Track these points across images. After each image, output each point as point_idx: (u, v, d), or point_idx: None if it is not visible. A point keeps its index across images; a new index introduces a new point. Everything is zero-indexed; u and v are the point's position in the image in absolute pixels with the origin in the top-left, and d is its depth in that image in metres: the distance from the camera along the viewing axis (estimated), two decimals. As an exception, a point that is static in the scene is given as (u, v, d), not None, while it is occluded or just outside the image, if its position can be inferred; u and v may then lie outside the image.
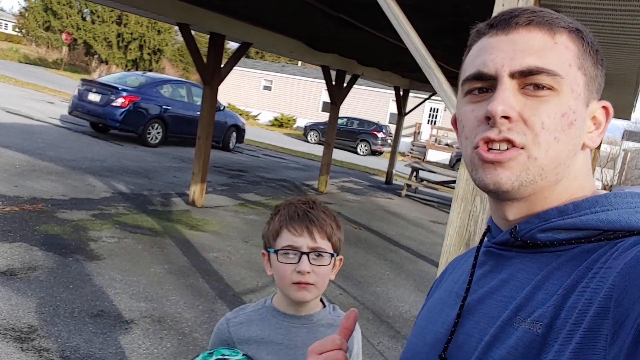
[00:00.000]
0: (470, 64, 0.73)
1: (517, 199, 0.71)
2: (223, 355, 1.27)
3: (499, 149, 0.68)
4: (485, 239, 0.81)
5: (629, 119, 12.36)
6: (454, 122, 0.78)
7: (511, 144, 0.67)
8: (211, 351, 1.30)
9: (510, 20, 0.70)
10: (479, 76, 0.70)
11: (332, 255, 1.34)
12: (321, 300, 1.43)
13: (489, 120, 0.68)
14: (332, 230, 1.34)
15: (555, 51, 0.68)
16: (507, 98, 0.67)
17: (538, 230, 0.69)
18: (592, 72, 0.71)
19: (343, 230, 1.41)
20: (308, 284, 1.30)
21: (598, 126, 0.73)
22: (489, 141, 0.68)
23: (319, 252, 1.31)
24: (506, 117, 0.67)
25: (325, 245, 1.32)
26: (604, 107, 0.73)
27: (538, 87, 0.67)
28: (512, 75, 0.68)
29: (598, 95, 0.72)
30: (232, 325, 1.40)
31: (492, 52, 0.70)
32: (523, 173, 0.67)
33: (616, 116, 12.04)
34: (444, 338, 0.75)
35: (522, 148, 0.67)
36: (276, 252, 1.32)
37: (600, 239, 0.65)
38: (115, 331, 3.67)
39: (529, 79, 0.67)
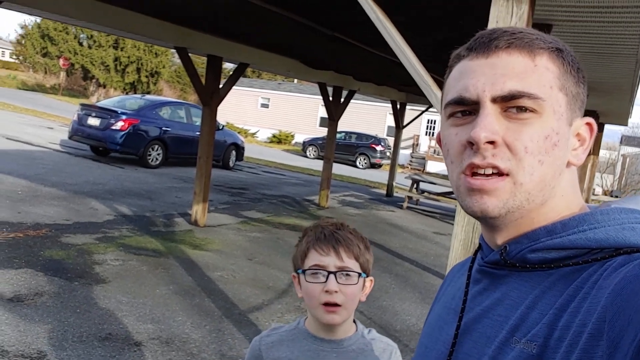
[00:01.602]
0: (452, 88, 0.73)
1: (504, 225, 0.71)
2: None
3: (484, 174, 0.68)
4: (479, 255, 0.81)
5: (626, 124, 12.43)
6: (439, 141, 0.78)
7: (496, 169, 0.67)
8: None
9: (489, 44, 0.70)
10: (460, 101, 0.71)
11: (360, 275, 1.33)
12: (355, 322, 1.43)
13: (472, 145, 0.68)
14: (360, 250, 1.35)
15: (535, 74, 0.68)
16: (490, 123, 0.67)
17: (528, 250, 0.70)
18: (574, 90, 0.71)
19: (372, 252, 1.41)
20: (336, 305, 1.29)
21: (582, 142, 0.73)
22: (474, 167, 0.68)
23: (346, 272, 1.31)
24: (490, 142, 0.67)
25: (352, 264, 1.32)
26: (588, 124, 0.73)
27: (520, 109, 0.67)
28: (494, 100, 0.68)
29: (581, 112, 0.73)
30: (264, 344, 1.41)
31: (473, 76, 0.70)
32: (510, 199, 0.68)
33: (613, 122, 12.11)
34: (444, 358, 0.76)
35: (507, 174, 0.67)
36: (304, 272, 1.33)
37: (588, 260, 0.65)
38: (124, 354, 3.68)
39: (511, 103, 0.67)
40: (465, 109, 0.71)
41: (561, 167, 0.70)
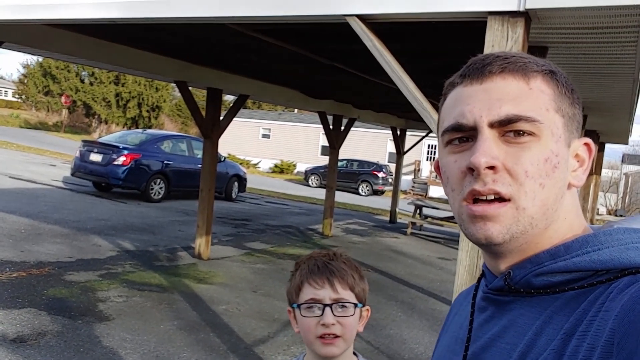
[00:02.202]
0: (448, 115, 0.73)
1: (509, 252, 0.70)
2: None
3: (486, 199, 0.67)
4: (482, 282, 0.80)
5: (626, 143, 12.44)
6: (437, 168, 0.78)
7: (498, 195, 0.67)
8: None
9: (483, 69, 0.70)
10: (458, 127, 0.70)
11: (356, 305, 1.31)
12: (355, 354, 1.40)
13: (472, 171, 0.67)
14: (355, 280, 1.33)
15: (531, 97, 0.68)
16: (489, 148, 0.67)
17: (532, 275, 0.69)
18: (570, 112, 0.71)
19: (367, 281, 1.39)
20: (335, 337, 1.27)
21: (582, 163, 0.73)
22: (475, 194, 0.68)
23: (342, 304, 1.29)
24: (490, 168, 0.66)
25: (348, 295, 1.30)
26: (586, 144, 0.73)
27: (518, 133, 0.67)
28: (492, 125, 0.68)
29: (578, 133, 0.73)
30: None
31: (469, 102, 0.70)
32: (513, 225, 0.67)
33: (614, 141, 12.13)
34: None
35: (509, 200, 0.67)
36: (299, 306, 1.31)
37: (594, 283, 0.65)
38: (129, 393, 3.61)
39: (509, 127, 0.67)
40: (462, 135, 0.70)
41: (562, 189, 0.70)
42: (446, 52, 5.04)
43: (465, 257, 2.29)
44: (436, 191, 26.21)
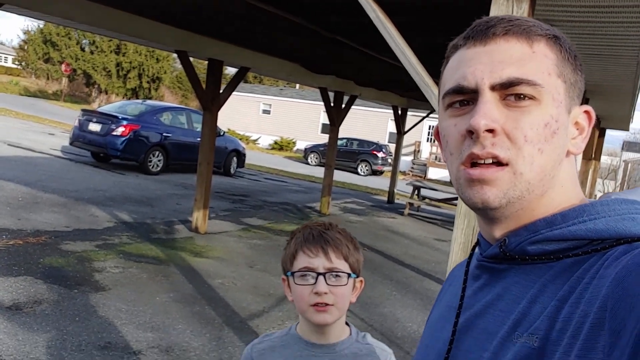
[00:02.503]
0: (450, 77, 0.72)
1: (504, 217, 0.70)
2: None
3: (484, 163, 0.67)
4: (477, 251, 0.80)
5: (627, 129, 12.40)
6: (437, 134, 0.77)
7: (496, 159, 0.66)
8: None
9: (487, 31, 0.69)
10: (459, 90, 0.70)
11: (350, 275, 1.31)
12: (347, 325, 1.41)
13: (472, 134, 0.67)
14: (349, 251, 1.33)
15: (534, 60, 0.67)
16: (490, 110, 0.66)
17: (527, 242, 0.69)
18: (572, 78, 0.70)
19: (361, 252, 1.39)
20: (327, 304, 1.27)
21: (581, 131, 0.73)
22: (474, 157, 0.67)
23: (336, 273, 1.29)
24: (489, 131, 0.66)
25: (342, 265, 1.30)
26: (586, 112, 0.73)
27: (519, 97, 0.66)
28: (493, 88, 0.67)
29: (579, 100, 0.72)
30: (256, 351, 1.39)
31: (470, 65, 0.69)
32: (510, 190, 0.67)
33: (615, 127, 12.08)
34: (443, 355, 0.75)
35: (506, 164, 0.66)
36: (293, 274, 1.31)
37: (588, 251, 0.64)
38: (123, 363, 3.63)
39: (510, 90, 0.66)
40: (463, 98, 0.70)
41: (561, 156, 0.70)
42: (450, 29, 4.98)
43: (460, 235, 2.28)
44: (435, 173, 26.21)
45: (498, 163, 0.66)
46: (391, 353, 1.42)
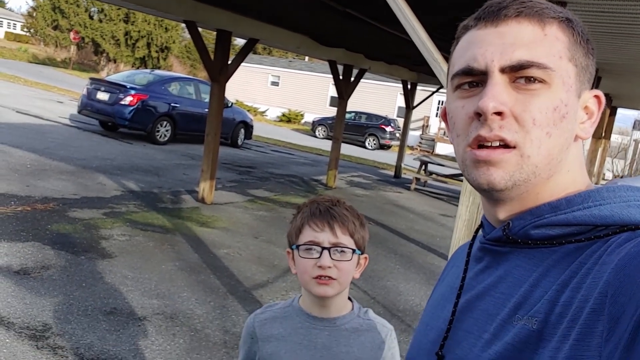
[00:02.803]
0: (459, 58, 0.72)
1: (509, 199, 0.70)
2: None
3: (491, 145, 0.67)
4: (480, 233, 0.81)
5: (639, 108, 12.25)
6: (444, 115, 0.77)
7: (503, 141, 0.66)
8: None
9: (498, 12, 0.68)
10: (468, 71, 0.69)
11: (354, 251, 1.32)
12: (350, 300, 1.42)
13: (479, 116, 0.67)
14: (355, 227, 1.34)
15: (545, 43, 0.67)
16: (498, 93, 0.66)
17: (531, 226, 0.69)
18: (583, 62, 0.70)
19: (367, 229, 1.40)
20: (330, 278, 1.29)
21: (590, 116, 0.72)
22: (481, 139, 0.67)
23: (341, 248, 1.30)
24: (498, 114, 0.65)
25: (347, 241, 1.31)
26: (596, 97, 0.72)
27: (529, 80, 0.66)
28: (503, 70, 0.66)
29: (589, 84, 0.71)
30: (258, 321, 1.41)
31: (481, 46, 0.69)
32: (516, 172, 0.67)
33: (626, 106, 11.95)
34: (443, 335, 0.76)
35: (514, 147, 0.66)
36: (298, 247, 1.32)
37: (591, 237, 0.64)
38: (128, 328, 3.70)
39: (520, 73, 0.66)
40: (473, 79, 0.69)
41: (569, 140, 0.69)
42: (462, 5, 4.90)
43: (464, 212, 2.28)
44: (443, 148, 26.08)
45: (505, 146, 0.66)
46: (392, 329, 1.43)
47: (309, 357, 1.33)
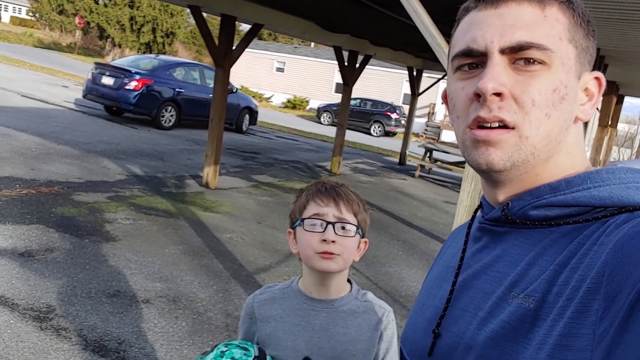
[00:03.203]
0: (460, 40, 0.72)
1: (509, 181, 0.71)
2: (233, 358, 1.25)
3: (490, 126, 0.67)
4: (479, 214, 0.81)
5: (646, 97, 12.14)
6: (445, 97, 0.77)
7: (502, 122, 0.66)
8: (225, 350, 1.27)
9: None
10: (468, 52, 0.69)
11: (358, 228, 1.33)
12: (350, 282, 1.42)
13: (479, 97, 0.67)
14: (359, 208, 1.35)
15: (545, 24, 0.67)
16: (498, 74, 0.66)
17: (530, 207, 0.69)
18: (584, 43, 0.70)
19: (369, 215, 1.41)
20: (333, 253, 1.29)
21: (590, 98, 0.72)
22: (480, 120, 0.67)
23: (344, 224, 1.31)
24: (497, 94, 0.66)
25: (351, 218, 1.32)
26: (597, 78, 0.72)
27: (529, 61, 0.66)
28: (502, 51, 0.67)
29: (590, 66, 0.71)
30: (257, 302, 1.42)
31: (481, 27, 0.69)
32: (515, 153, 0.67)
33: (634, 95, 11.85)
34: (440, 313, 0.76)
35: (513, 128, 0.66)
36: (302, 221, 1.32)
37: (590, 219, 0.65)
38: (132, 311, 3.73)
39: (519, 54, 0.66)
40: (473, 61, 0.70)
41: (568, 122, 0.69)
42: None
43: (466, 198, 2.28)
44: (449, 135, 25.99)
45: (504, 127, 0.66)
46: (390, 311, 1.43)
47: (306, 338, 1.34)
